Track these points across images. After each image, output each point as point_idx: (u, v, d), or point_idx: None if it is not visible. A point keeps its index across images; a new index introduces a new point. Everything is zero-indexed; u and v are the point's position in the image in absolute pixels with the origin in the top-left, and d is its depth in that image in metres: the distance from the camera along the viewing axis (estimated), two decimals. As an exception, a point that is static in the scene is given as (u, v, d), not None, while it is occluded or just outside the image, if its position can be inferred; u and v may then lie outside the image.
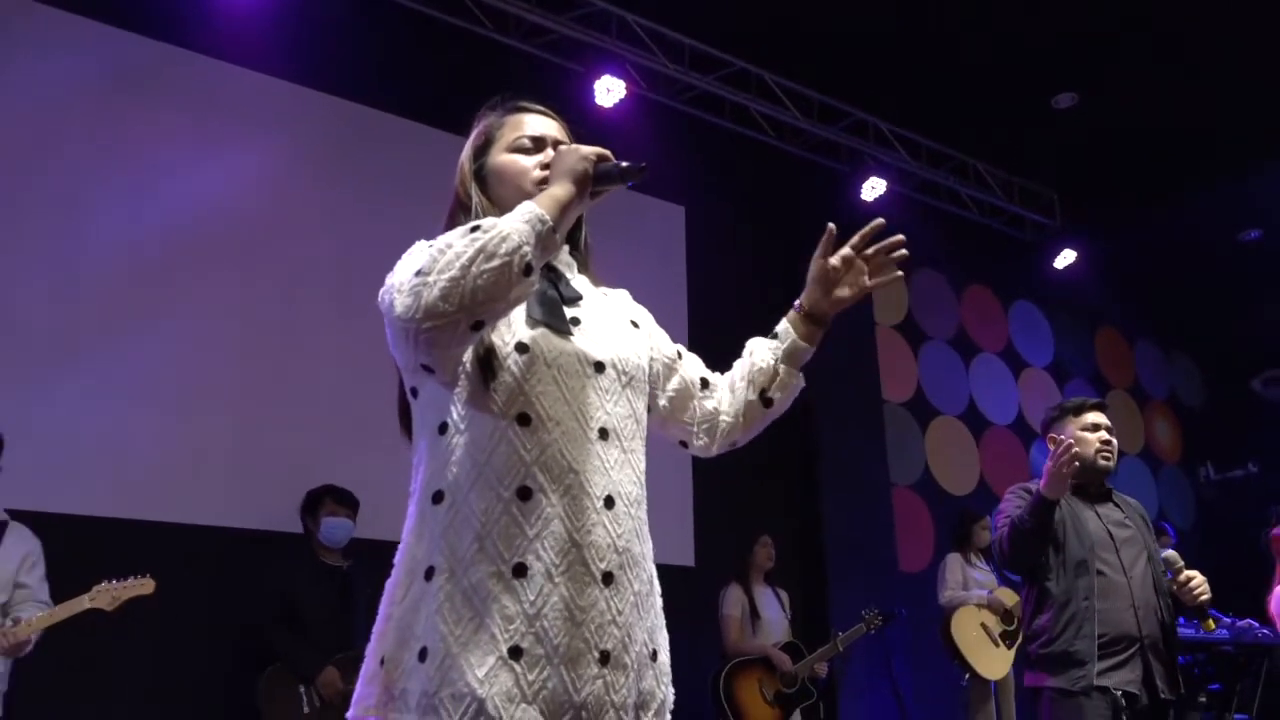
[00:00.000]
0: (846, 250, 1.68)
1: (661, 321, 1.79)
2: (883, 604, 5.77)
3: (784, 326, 1.73)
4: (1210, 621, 3.03)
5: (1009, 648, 5.49)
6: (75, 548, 3.85)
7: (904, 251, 1.69)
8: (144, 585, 3.35)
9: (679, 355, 1.74)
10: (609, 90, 5.88)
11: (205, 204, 4.82)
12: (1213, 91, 6.74)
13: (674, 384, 1.71)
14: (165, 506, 4.36)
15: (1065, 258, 8.15)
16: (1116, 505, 3.29)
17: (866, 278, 1.69)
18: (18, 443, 3.75)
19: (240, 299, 4.82)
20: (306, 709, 3.92)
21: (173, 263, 4.66)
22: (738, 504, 6.12)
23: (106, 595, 3.28)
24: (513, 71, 5.85)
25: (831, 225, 1.68)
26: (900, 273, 1.70)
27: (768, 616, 5.20)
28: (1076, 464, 2.96)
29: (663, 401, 1.70)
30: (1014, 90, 6.82)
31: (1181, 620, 6.18)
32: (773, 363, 1.70)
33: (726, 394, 1.72)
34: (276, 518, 4.49)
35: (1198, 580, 3.03)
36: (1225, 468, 9.14)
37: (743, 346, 1.78)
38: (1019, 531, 3.04)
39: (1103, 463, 3.21)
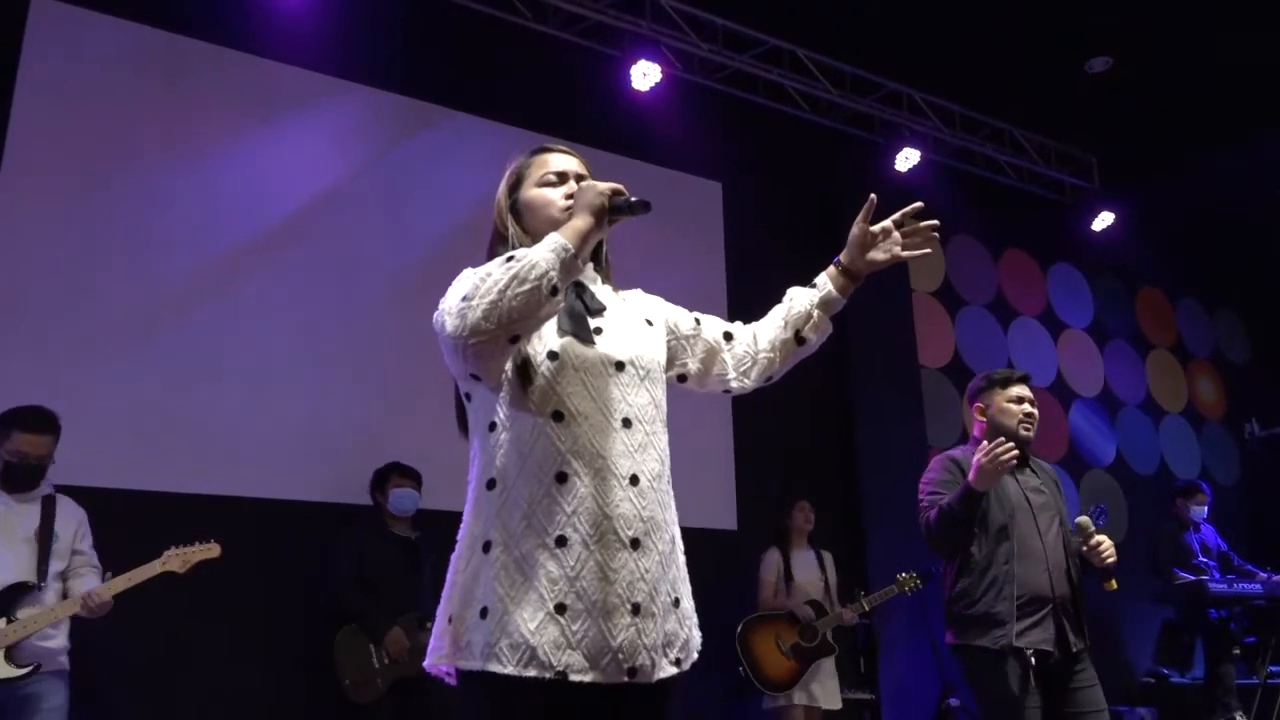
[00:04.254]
0: (887, 222, 2.03)
1: (701, 294, 2.08)
2: (920, 563, 5.99)
3: (822, 278, 2.03)
4: (1113, 582, 3.17)
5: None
6: (151, 521, 4.18)
7: (936, 236, 2.04)
8: (210, 549, 3.66)
9: (698, 322, 2.03)
10: (645, 75, 6.06)
11: (266, 195, 5.15)
12: (1248, 49, 6.73)
13: (700, 348, 2.00)
14: (237, 481, 4.71)
15: (1104, 220, 8.20)
16: (1034, 471, 3.46)
17: (900, 248, 2.02)
18: (97, 422, 4.09)
19: (303, 284, 5.13)
20: (377, 664, 4.31)
21: (238, 250, 5.00)
22: (778, 470, 6.35)
23: (177, 559, 3.59)
24: (551, 60, 6.07)
25: (873, 196, 2.00)
26: (929, 251, 2.04)
27: (801, 579, 5.39)
28: (1012, 464, 3.09)
29: (694, 366, 2.00)
30: (1048, 56, 6.87)
31: (1217, 575, 6.37)
32: (809, 307, 2.00)
33: (763, 333, 2.02)
34: (347, 490, 4.81)
35: (1106, 544, 3.20)
36: (1271, 424, 9.14)
37: None
38: (948, 518, 3.18)
39: (1024, 433, 3.37)
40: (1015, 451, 3.07)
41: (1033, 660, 3.10)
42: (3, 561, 3.43)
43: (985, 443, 3.19)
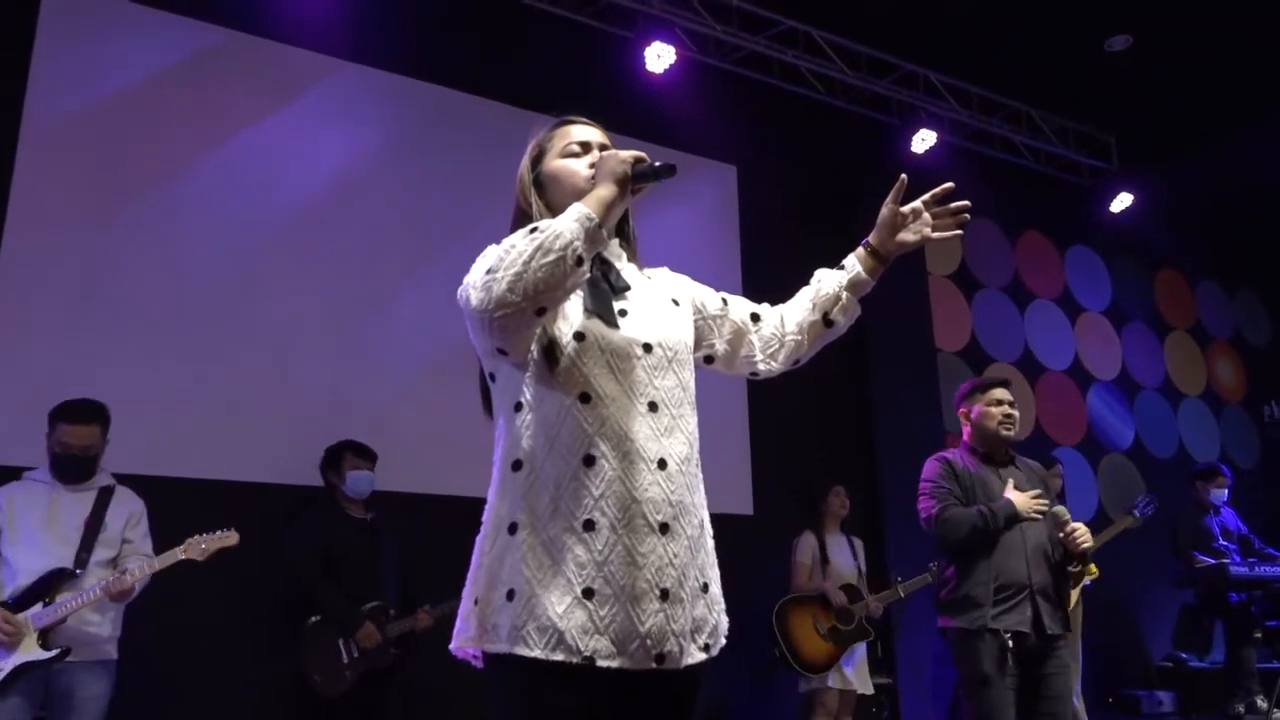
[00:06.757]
0: (917, 203, 1.99)
1: (717, 277, 2.06)
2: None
3: (851, 260, 2.00)
4: (1092, 566, 3.44)
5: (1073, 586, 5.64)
6: (164, 507, 4.05)
7: (967, 216, 2.01)
8: (229, 537, 3.65)
9: (725, 302, 1.99)
10: (659, 56, 6.01)
11: (287, 183, 5.15)
12: (1268, 27, 6.64)
13: (727, 329, 1.96)
14: (242, 466, 4.71)
15: (1122, 201, 8.12)
16: (1018, 469, 3.74)
17: (929, 230, 1.99)
18: (117, 410, 4.08)
19: (316, 269, 5.13)
20: (346, 658, 4.18)
21: (256, 235, 5.00)
22: (793, 455, 6.32)
23: (197, 547, 3.59)
24: (565, 42, 6.02)
25: (904, 176, 1.96)
26: (960, 232, 2.01)
27: (837, 562, 5.39)
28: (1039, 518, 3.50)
29: (721, 347, 1.96)
30: (1066, 35, 6.79)
31: (1237, 559, 6.33)
32: (837, 289, 1.97)
33: (790, 315, 1.99)
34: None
35: (1081, 531, 3.45)
36: (1291, 407, 9.06)
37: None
38: (981, 530, 3.46)
39: (1004, 433, 3.70)
40: (1044, 507, 3.49)
41: (1010, 642, 3.35)
42: (48, 549, 3.49)
43: (973, 453, 3.72)
